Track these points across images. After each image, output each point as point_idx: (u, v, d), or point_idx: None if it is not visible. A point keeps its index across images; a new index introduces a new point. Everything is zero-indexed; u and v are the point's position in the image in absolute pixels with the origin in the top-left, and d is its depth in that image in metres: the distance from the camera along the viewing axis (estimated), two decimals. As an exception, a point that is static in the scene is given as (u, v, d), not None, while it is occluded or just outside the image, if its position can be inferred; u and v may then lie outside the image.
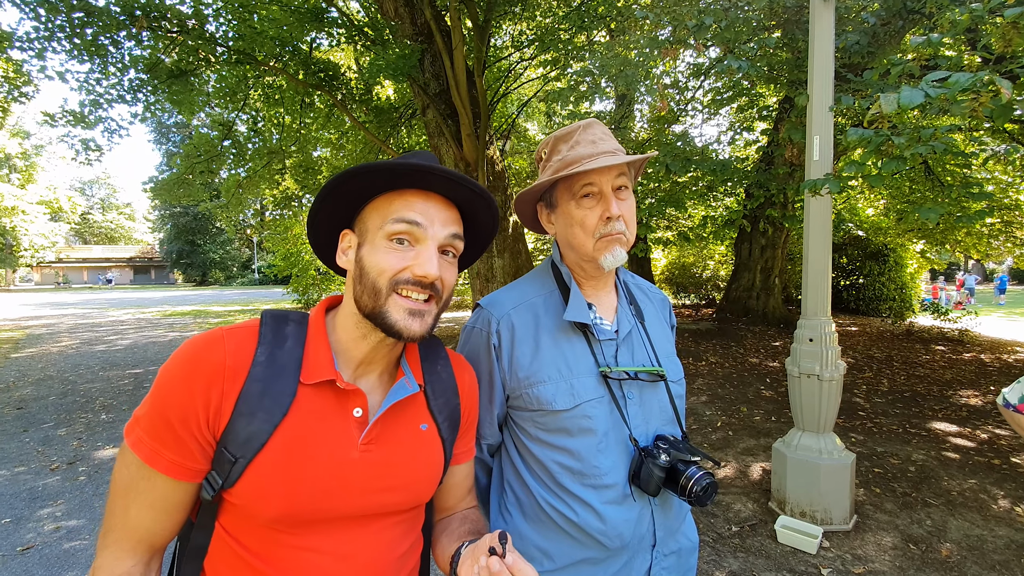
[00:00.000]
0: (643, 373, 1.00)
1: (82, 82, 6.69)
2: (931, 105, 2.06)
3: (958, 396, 5.67)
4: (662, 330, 1.13)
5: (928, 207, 2.62)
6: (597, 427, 0.95)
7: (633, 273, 1.20)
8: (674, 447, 0.94)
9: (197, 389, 0.69)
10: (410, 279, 0.73)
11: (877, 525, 3.00)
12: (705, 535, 2.92)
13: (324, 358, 0.76)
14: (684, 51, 6.44)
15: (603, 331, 1.02)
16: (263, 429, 0.70)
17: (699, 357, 7.48)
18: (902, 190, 8.32)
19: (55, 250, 40.69)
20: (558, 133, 1.03)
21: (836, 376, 2.95)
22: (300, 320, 0.80)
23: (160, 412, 0.69)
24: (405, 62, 5.86)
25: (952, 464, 3.84)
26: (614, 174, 0.96)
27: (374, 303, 0.74)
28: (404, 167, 0.73)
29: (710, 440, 4.44)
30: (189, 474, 0.71)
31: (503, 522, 1.03)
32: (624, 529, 0.95)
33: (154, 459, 0.69)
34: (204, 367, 0.70)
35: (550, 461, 0.97)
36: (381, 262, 0.74)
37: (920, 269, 13.33)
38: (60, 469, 3.95)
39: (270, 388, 0.72)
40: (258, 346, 0.74)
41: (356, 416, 0.76)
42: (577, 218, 0.97)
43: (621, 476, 0.95)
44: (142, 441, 0.70)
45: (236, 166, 9.73)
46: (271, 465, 0.70)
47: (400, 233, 0.74)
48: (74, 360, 8.35)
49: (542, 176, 1.04)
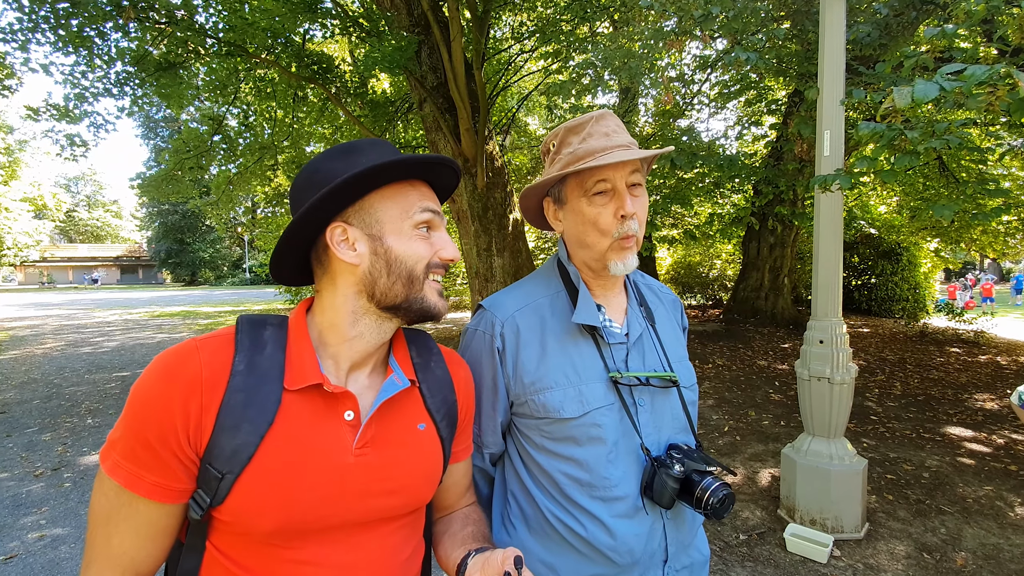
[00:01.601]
0: (655, 378, 0.99)
1: (67, 75, 6.68)
2: (946, 99, 2.06)
3: (973, 400, 5.67)
4: (674, 333, 1.11)
5: (942, 204, 2.62)
6: (607, 436, 0.94)
7: (644, 273, 1.19)
8: (688, 456, 0.92)
9: (174, 405, 0.68)
10: (438, 263, 0.80)
11: (890, 533, 2.99)
12: (712, 544, 2.91)
13: (308, 361, 0.75)
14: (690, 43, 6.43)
15: (613, 334, 1.00)
16: (249, 441, 0.69)
17: (706, 359, 7.48)
18: (915, 186, 8.30)
19: (39, 249, 40.67)
20: (568, 124, 1.00)
21: (847, 379, 2.95)
22: (279, 324, 0.79)
23: (136, 433, 0.68)
24: (401, 54, 5.86)
25: (967, 470, 3.84)
26: (628, 170, 0.94)
27: (408, 291, 0.78)
28: (424, 161, 0.79)
29: (717, 445, 4.44)
30: (174, 495, 0.70)
31: (506, 535, 1.02)
32: (635, 544, 0.93)
33: (135, 483, 0.68)
34: (179, 381, 0.69)
35: (557, 472, 0.95)
36: (418, 249, 0.78)
37: (934, 268, 13.33)
38: (44, 475, 3.94)
39: (253, 397, 0.70)
40: (235, 354, 0.72)
41: (348, 420, 0.75)
42: (589, 216, 0.95)
43: (632, 488, 0.94)
44: (119, 466, 0.68)
45: (227, 162, 9.73)
46: (261, 478, 0.69)
47: (426, 222, 0.80)
48: (59, 363, 8.35)
49: (550, 169, 1.02)
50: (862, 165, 2.68)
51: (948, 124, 2.30)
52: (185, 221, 43.83)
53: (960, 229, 9.74)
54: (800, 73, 5.23)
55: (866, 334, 9.72)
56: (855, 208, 11.60)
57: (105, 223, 57.04)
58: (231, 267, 48.88)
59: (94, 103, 7.06)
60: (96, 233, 56.52)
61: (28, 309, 19.02)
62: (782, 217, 8.69)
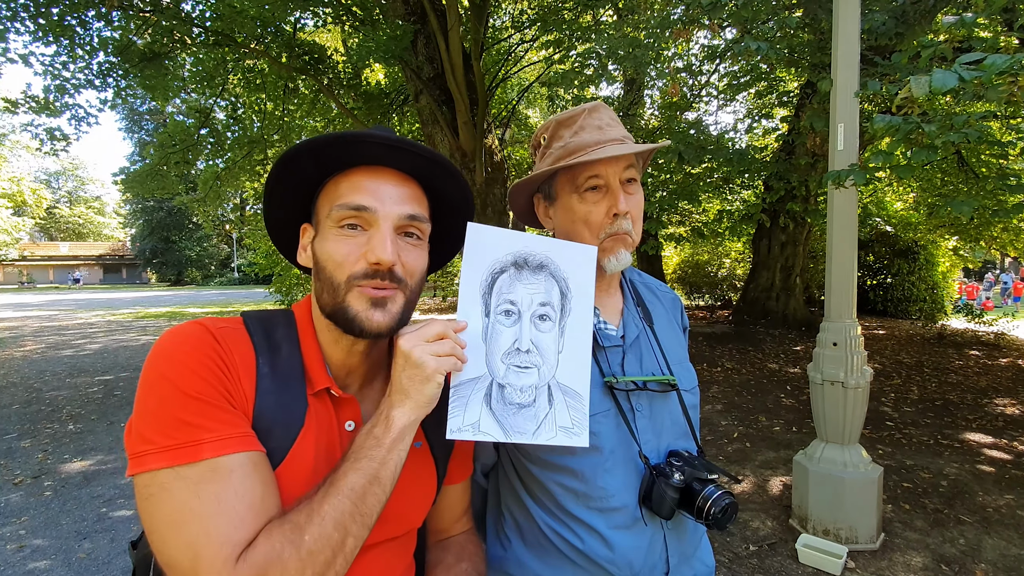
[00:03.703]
0: (653, 382, 0.98)
1: (47, 66, 6.69)
2: (965, 90, 2.06)
3: (994, 405, 5.67)
4: (673, 333, 1.11)
5: (961, 200, 2.61)
6: (603, 444, 0.93)
7: (641, 272, 1.19)
8: (689, 464, 0.92)
9: (210, 358, 0.64)
10: (367, 271, 0.70)
11: (906, 544, 2.99)
12: (721, 555, 2.91)
13: (318, 363, 0.75)
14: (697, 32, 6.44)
15: (608, 337, 1.00)
16: (281, 447, 0.68)
17: (714, 363, 7.48)
18: (933, 182, 8.32)
19: (18, 247, 40.74)
20: (559, 116, 1.00)
21: (862, 383, 2.95)
22: (288, 322, 0.78)
23: (180, 394, 0.61)
24: (396, 44, 5.87)
25: (987, 478, 3.84)
26: (623, 165, 0.93)
27: (333, 299, 0.71)
28: (326, 141, 0.70)
29: (726, 452, 4.44)
30: (245, 442, 0.63)
31: (501, 549, 1.01)
32: (634, 557, 0.93)
33: (193, 453, 0.60)
34: (207, 349, 0.65)
35: (551, 482, 0.95)
36: (334, 253, 0.71)
37: (953, 268, 13.33)
38: (24, 484, 3.94)
39: (281, 401, 0.69)
40: (256, 356, 0.71)
41: (348, 430, 0.75)
42: (580, 213, 0.95)
43: (630, 498, 0.94)
44: (167, 450, 0.59)
45: (214, 156, 9.75)
46: (284, 481, 0.67)
47: (347, 218, 0.71)
48: (39, 366, 8.35)
49: (540, 164, 1.02)
50: (878, 160, 2.68)
51: (967, 117, 2.30)
52: (171, 218, 43.87)
53: (980, 226, 9.75)
54: (813, 64, 5.23)
55: (882, 336, 9.72)
56: (870, 205, 11.61)
57: (88, 220, 57.07)
58: (219, 266, 48.92)
59: (76, 95, 7.08)
60: (78, 231, 56.55)
61: (7, 310, 19.04)
62: (794, 214, 8.70)
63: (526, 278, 0.80)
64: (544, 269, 0.81)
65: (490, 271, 0.78)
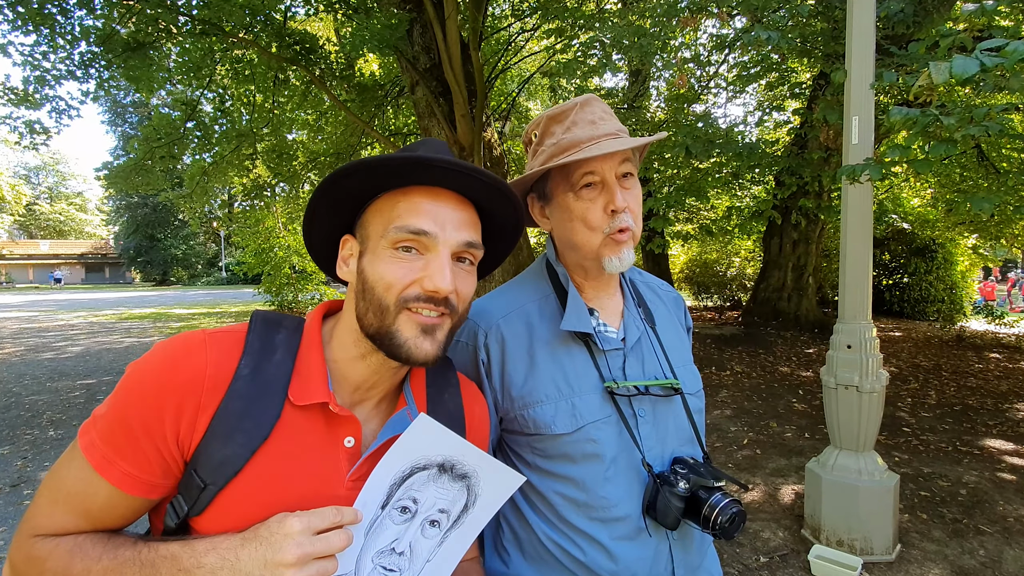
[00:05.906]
0: (655, 387, 0.98)
1: (26, 56, 6.69)
2: (985, 80, 2.06)
3: (1015, 410, 5.66)
4: (676, 334, 1.11)
5: (981, 196, 2.62)
6: (604, 452, 0.93)
7: (641, 270, 1.19)
8: (694, 471, 0.92)
9: (169, 399, 0.68)
10: (420, 295, 0.71)
11: (923, 555, 2.99)
12: (730, 567, 2.91)
13: (317, 375, 0.75)
14: (706, 20, 6.43)
15: (608, 340, 1.00)
16: (239, 454, 0.68)
17: (723, 366, 7.48)
18: (952, 177, 8.31)
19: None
20: (550, 112, 1.00)
21: (877, 387, 2.94)
22: (294, 328, 0.79)
23: (122, 416, 0.68)
24: (391, 33, 5.86)
25: (1008, 487, 3.83)
26: (618, 160, 0.93)
27: (380, 322, 0.72)
28: (401, 162, 0.71)
29: (735, 460, 4.43)
30: (142, 488, 0.69)
31: (500, 562, 1.01)
32: (638, 569, 0.93)
33: (105, 467, 0.67)
34: (181, 373, 0.69)
35: (551, 492, 0.95)
36: (387, 275, 0.72)
37: (972, 267, 13.33)
38: (3, 492, 3.94)
39: (252, 407, 0.70)
40: (242, 356, 0.72)
41: (347, 446, 0.75)
42: (577, 212, 0.95)
43: (634, 507, 0.93)
44: (94, 445, 0.68)
45: (201, 150, 9.74)
46: (245, 495, 0.69)
47: (404, 241, 0.72)
48: (18, 369, 8.35)
49: (533, 162, 1.02)
50: (894, 154, 2.68)
51: (987, 109, 2.29)
52: (156, 215, 43.88)
53: (1001, 224, 9.74)
54: (826, 54, 5.23)
55: (898, 338, 9.72)
56: (886, 201, 11.60)
57: (69, 217, 57.10)
58: (206, 265, 48.93)
59: (56, 87, 7.08)
60: (59, 228, 56.58)
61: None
62: (806, 211, 8.69)
63: (444, 483, 0.77)
64: (464, 480, 0.78)
65: (413, 465, 0.75)
